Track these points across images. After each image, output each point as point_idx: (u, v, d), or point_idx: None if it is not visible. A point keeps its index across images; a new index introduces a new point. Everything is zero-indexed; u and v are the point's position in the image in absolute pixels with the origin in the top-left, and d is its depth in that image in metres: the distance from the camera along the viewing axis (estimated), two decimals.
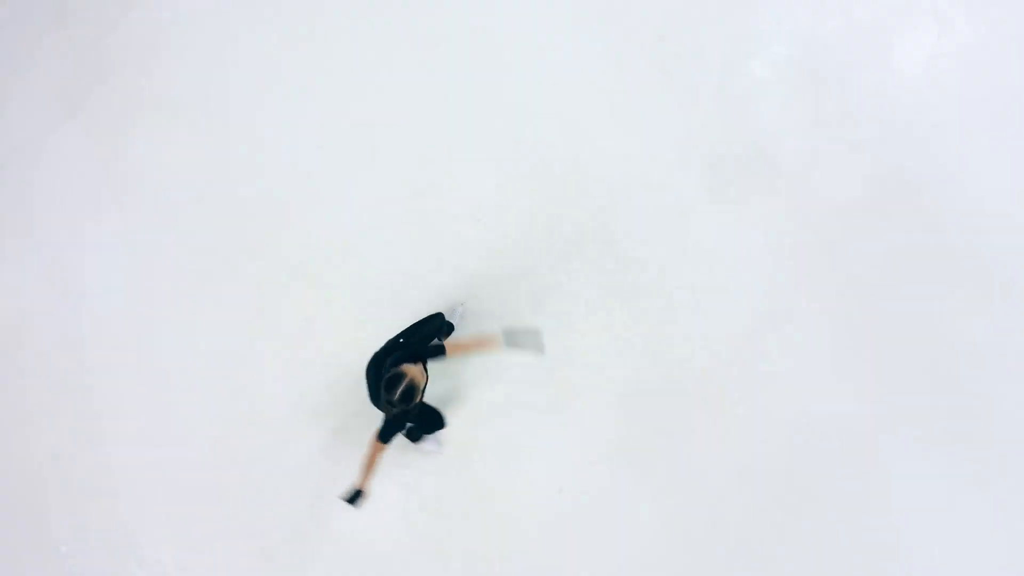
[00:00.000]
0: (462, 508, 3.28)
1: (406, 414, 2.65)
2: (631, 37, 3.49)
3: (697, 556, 3.20)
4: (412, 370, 2.54)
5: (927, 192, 3.32)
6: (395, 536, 3.28)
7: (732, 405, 3.26)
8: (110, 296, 3.53)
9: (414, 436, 3.23)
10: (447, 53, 3.56)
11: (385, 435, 2.69)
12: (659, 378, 3.29)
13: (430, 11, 3.57)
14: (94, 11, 3.73)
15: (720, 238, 3.35)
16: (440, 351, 2.71)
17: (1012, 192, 3.31)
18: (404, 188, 3.48)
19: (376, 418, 2.73)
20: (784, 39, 3.46)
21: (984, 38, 3.40)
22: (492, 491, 3.27)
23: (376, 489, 3.29)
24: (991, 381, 3.22)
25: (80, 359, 3.50)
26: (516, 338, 2.76)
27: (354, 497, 2.76)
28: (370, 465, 2.74)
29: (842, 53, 3.41)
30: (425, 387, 2.64)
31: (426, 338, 2.94)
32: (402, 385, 2.51)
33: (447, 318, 3.21)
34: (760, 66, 3.44)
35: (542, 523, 3.24)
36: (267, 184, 3.54)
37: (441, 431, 3.19)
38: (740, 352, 3.29)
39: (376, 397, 2.84)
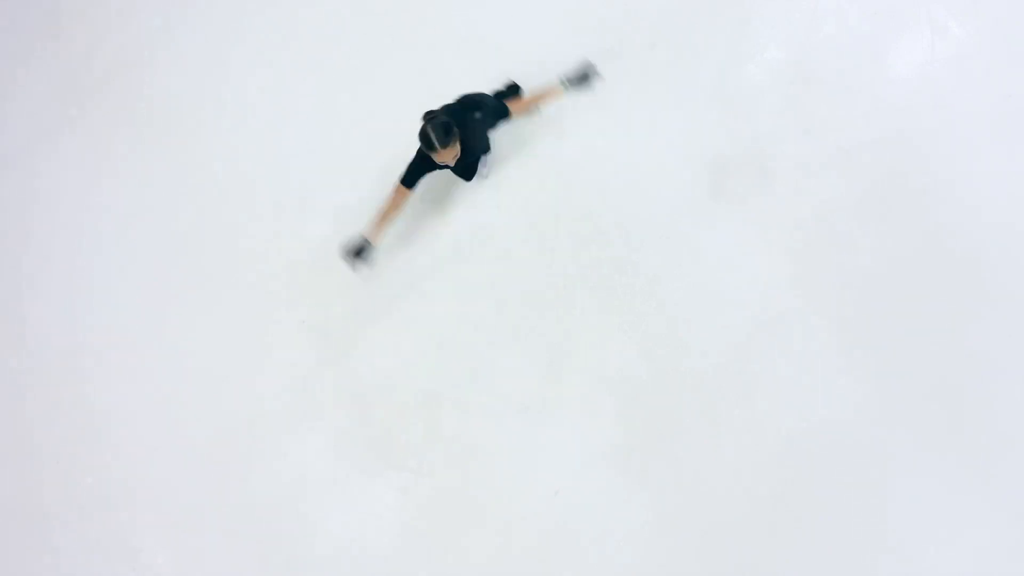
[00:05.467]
0: (459, 510, 3.29)
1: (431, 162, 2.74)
2: (624, 43, 3.51)
3: (693, 559, 3.20)
4: (452, 151, 2.69)
5: (923, 197, 3.32)
6: (392, 538, 3.29)
7: (728, 408, 3.27)
8: (108, 298, 3.54)
9: (464, 175, 3.16)
10: (442, 60, 3.58)
11: (409, 179, 2.75)
12: (655, 381, 3.30)
13: (424, 17, 3.59)
14: (88, 20, 3.74)
15: (716, 242, 3.36)
16: (504, 112, 2.86)
17: (1008, 196, 3.31)
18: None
19: None
20: (779, 44, 3.47)
21: (979, 43, 3.41)
22: (488, 493, 3.28)
23: (373, 491, 3.32)
24: (990, 386, 3.22)
25: (78, 360, 3.51)
26: (573, 78, 2.91)
27: (360, 249, 2.65)
28: (388, 212, 2.76)
29: (837, 58, 3.42)
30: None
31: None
32: (449, 142, 2.66)
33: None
34: (756, 71, 3.45)
35: (538, 525, 3.25)
36: (264, 188, 3.56)
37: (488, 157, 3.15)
38: (736, 356, 3.29)
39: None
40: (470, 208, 3.45)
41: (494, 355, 3.36)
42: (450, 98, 3.08)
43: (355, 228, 3.48)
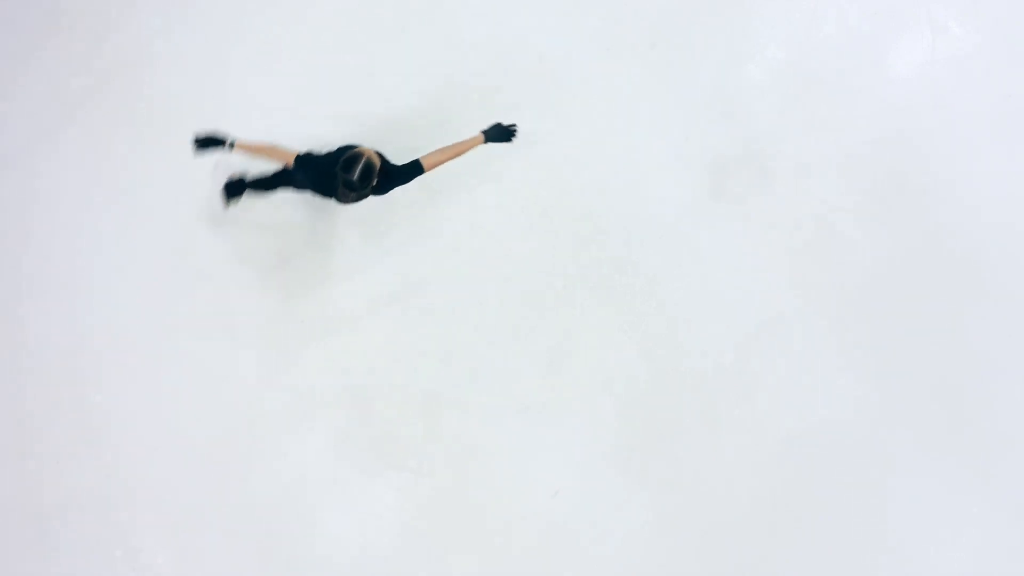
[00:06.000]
0: (459, 510, 3.29)
1: (369, 191, 2.55)
2: (624, 42, 3.50)
3: (693, 559, 3.20)
4: (368, 150, 2.47)
5: (923, 197, 3.33)
6: (392, 538, 3.29)
7: (728, 408, 3.27)
8: (108, 298, 3.54)
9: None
10: (444, 60, 3.57)
11: (415, 165, 2.62)
12: (655, 382, 3.30)
13: (425, 18, 3.58)
14: (88, 20, 3.73)
15: (716, 242, 3.36)
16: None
17: (1008, 196, 3.32)
18: (401, 199, 3.48)
19: None
20: (779, 44, 3.47)
21: (979, 43, 3.41)
22: (488, 493, 3.28)
23: (373, 491, 3.32)
24: (990, 386, 3.22)
25: (78, 360, 3.51)
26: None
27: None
28: (458, 151, 2.69)
29: (837, 58, 3.42)
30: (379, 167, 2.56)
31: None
32: (361, 164, 2.44)
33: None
34: (756, 71, 3.45)
35: (538, 525, 3.25)
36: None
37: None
38: (736, 356, 3.30)
39: (328, 186, 2.67)
40: (470, 208, 3.45)
41: (494, 355, 3.36)
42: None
43: (355, 228, 3.50)
